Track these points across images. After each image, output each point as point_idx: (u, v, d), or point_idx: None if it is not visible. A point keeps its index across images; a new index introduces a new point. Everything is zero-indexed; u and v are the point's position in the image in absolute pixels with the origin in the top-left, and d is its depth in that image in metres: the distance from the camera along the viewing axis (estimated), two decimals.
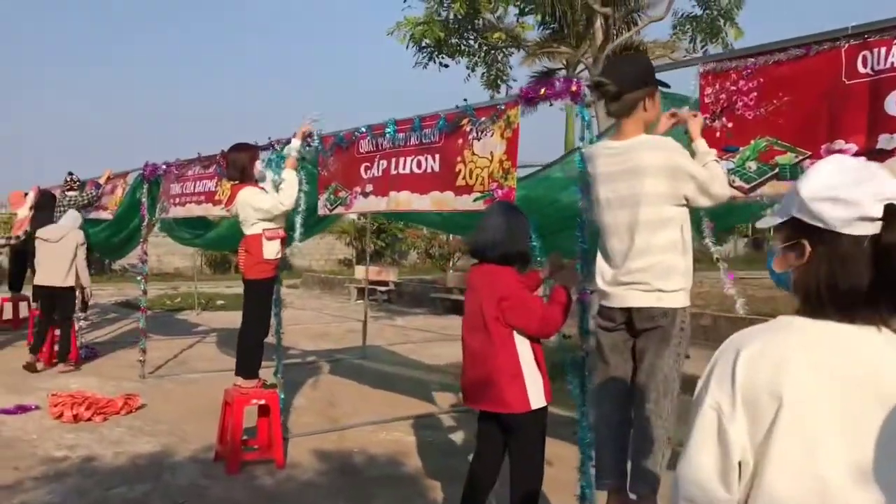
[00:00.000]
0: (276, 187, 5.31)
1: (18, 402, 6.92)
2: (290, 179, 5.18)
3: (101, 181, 9.43)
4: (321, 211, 5.45)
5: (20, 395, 7.29)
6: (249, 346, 5.19)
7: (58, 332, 8.70)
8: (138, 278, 8.53)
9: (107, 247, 9.41)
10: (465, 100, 4.19)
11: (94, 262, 10.96)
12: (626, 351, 3.13)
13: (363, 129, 4.96)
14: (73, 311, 8.94)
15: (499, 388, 3.33)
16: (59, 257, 8.41)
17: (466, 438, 5.96)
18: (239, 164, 5.27)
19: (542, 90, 3.65)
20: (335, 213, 5.33)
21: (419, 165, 4.47)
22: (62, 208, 9.21)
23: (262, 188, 5.34)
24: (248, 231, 5.18)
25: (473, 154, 4.08)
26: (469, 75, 10.74)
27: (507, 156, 3.87)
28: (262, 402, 5.19)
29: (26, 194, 11.19)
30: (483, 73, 10.85)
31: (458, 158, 4.17)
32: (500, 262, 3.40)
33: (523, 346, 3.36)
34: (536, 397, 3.35)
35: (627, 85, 3.05)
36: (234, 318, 14.89)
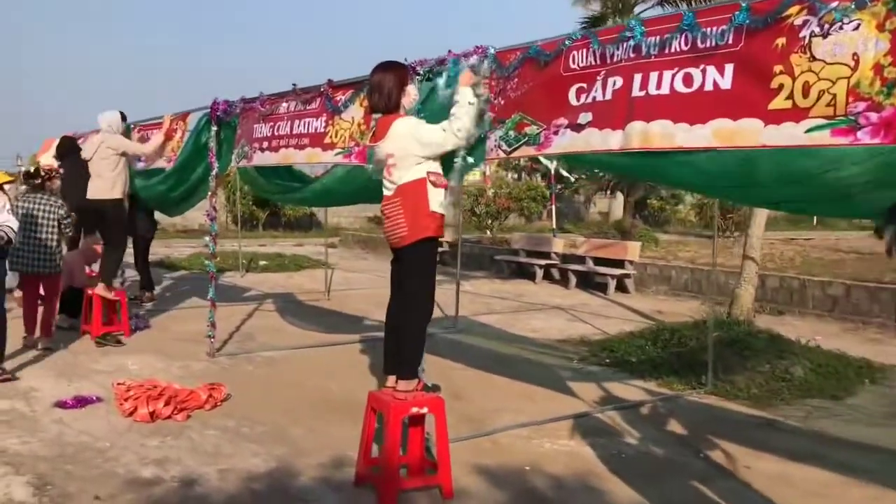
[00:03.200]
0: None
1: (74, 390, 5.64)
2: (466, 102, 3.79)
3: (153, 133, 8.04)
4: (491, 154, 4.05)
5: (72, 379, 6.00)
6: (411, 335, 3.83)
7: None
8: (206, 238, 7.18)
9: (164, 201, 8.01)
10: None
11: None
12: None
13: (578, 35, 3.54)
14: (125, 237, 7.74)
15: None
16: (98, 170, 7.46)
17: (665, 451, 4.65)
18: (385, 89, 3.86)
19: None
20: (516, 156, 3.92)
21: (688, 82, 3.06)
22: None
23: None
24: (403, 175, 3.78)
25: (811, 59, 2.67)
26: None
27: (893, 58, 2.46)
28: (425, 410, 3.86)
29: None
30: None
31: (778, 68, 2.76)
32: None
33: None
34: None
35: None
36: (283, 282, 13.64)
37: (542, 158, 17.62)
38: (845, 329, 9.02)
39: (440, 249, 16.47)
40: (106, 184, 7.43)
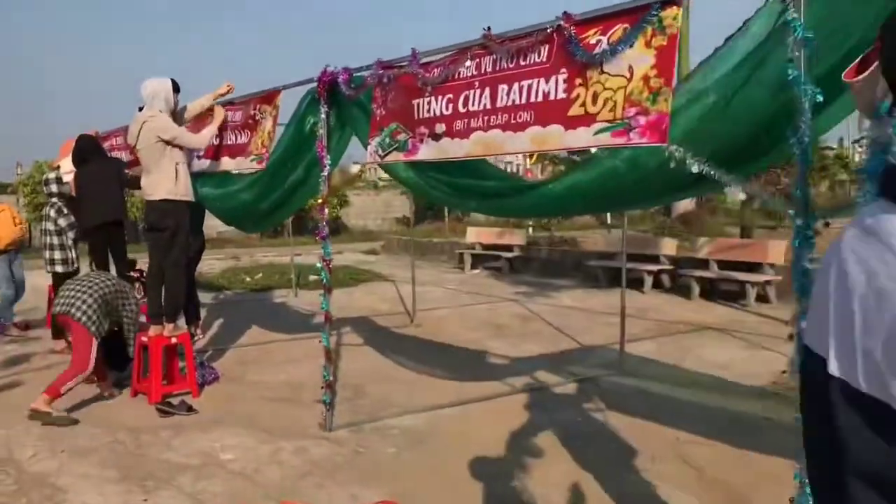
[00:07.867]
0: None
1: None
2: None
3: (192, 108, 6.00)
4: None
5: (147, 487, 3.97)
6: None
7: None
8: (318, 265, 5.18)
9: (247, 215, 5.85)
10: None
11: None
12: None
13: None
14: (183, 255, 5.67)
15: None
16: (145, 162, 5.61)
17: None
18: None
19: None
20: None
21: None
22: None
23: None
24: None
25: None
26: None
27: None
28: None
29: None
30: None
31: None
32: None
33: None
34: None
35: None
36: (348, 302, 10.77)
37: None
38: None
39: (510, 255, 14.47)
40: (152, 180, 5.44)
